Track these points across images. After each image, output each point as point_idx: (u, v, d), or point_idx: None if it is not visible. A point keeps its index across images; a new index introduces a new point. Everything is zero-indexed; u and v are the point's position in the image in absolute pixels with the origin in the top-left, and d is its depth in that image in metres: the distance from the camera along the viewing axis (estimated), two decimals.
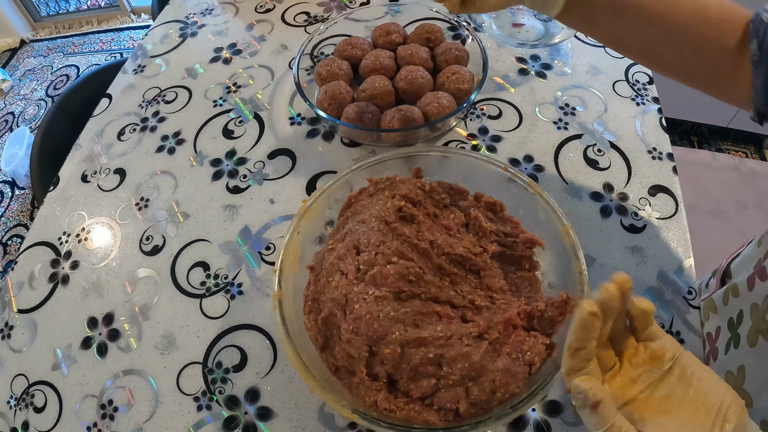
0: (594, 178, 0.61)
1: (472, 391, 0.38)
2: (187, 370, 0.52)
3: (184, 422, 0.49)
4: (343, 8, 0.85)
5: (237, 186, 0.65)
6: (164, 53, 0.83)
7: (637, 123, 0.66)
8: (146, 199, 0.65)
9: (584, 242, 0.56)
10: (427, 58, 0.69)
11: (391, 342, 0.39)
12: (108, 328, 0.56)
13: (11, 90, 2.20)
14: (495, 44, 0.77)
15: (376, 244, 0.44)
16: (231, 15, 0.88)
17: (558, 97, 0.69)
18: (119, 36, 2.39)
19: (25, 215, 1.79)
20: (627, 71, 0.72)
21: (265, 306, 0.55)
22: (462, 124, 0.67)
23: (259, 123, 0.71)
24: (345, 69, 0.69)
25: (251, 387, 0.50)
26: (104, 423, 0.50)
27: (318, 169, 0.65)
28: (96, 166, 0.70)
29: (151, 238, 0.62)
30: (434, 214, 0.50)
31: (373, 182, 0.52)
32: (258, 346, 0.52)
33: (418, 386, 0.39)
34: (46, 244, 0.63)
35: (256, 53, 0.80)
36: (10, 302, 0.60)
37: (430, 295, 0.43)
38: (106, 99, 0.78)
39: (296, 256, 0.48)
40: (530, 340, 0.40)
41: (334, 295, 0.42)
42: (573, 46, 0.76)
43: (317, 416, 0.48)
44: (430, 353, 0.38)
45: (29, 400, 0.53)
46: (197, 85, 0.77)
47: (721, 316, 0.48)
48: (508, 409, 0.37)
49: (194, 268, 0.58)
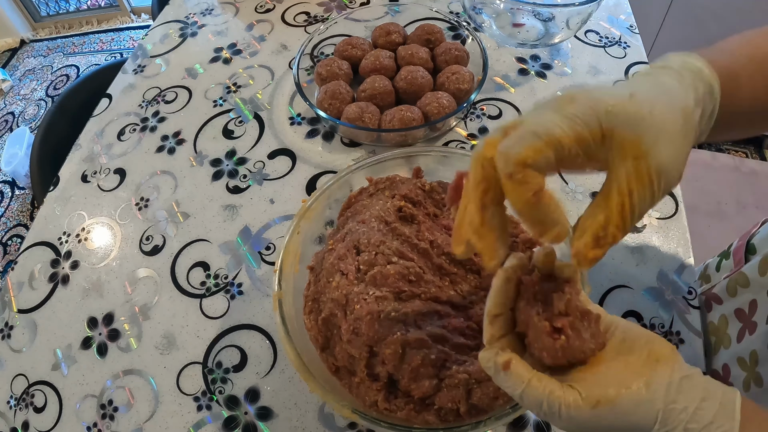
0: (594, 178, 0.61)
1: (475, 394, 0.38)
2: (187, 370, 0.52)
3: (184, 422, 0.49)
4: (343, 8, 0.85)
5: (237, 186, 0.65)
6: (164, 53, 0.83)
7: None
8: (146, 199, 0.65)
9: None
10: (427, 58, 0.69)
11: (392, 342, 0.39)
12: (108, 328, 0.56)
13: (11, 90, 2.21)
14: (495, 44, 0.77)
15: (376, 244, 0.44)
16: (231, 15, 0.88)
17: None
18: (119, 36, 2.39)
19: (25, 215, 1.79)
20: (627, 71, 0.72)
21: (265, 306, 0.55)
22: (462, 124, 0.67)
23: (259, 123, 0.71)
24: (345, 69, 0.69)
25: (251, 387, 0.50)
26: (104, 423, 0.50)
27: (318, 169, 0.65)
28: (96, 166, 0.70)
29: (151, 238, 0.62)
30: (434, 214, 0.50)
31: (373, 182, 0.52)
32: (258, 346, 0.52)
33: (419, 386, 0.39)
34: (46, 244, 0.63)
35: (256, 53, 0.80)
36: (10, 302, 0.60)
37: (431, 295, 0.43)
38: (106, 99, 0.78)
39: (296, 256, 0.48)
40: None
41: (335, 295, 0.42)
42: (573, 46, 0.76)
43: (317, 416, 0.48)
44: (432, 354, 0.38)
45: (29, 400, 0.53)
46: (197, 85, 0.77)
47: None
48: (508, 409, 0.37)
49: (194, 268, 0.58)
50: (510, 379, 0.28)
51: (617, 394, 0.27)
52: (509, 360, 0.28)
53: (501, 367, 0.28)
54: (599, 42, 0.76)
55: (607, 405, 0.26)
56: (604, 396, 0.27)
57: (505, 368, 0.28)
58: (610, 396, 0.27)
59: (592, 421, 0.27)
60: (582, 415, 0.27)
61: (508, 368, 0.28)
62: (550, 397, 0.27)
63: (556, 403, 0.27)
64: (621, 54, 0.74)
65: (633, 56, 0.74)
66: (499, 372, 0.29)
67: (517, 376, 0.28)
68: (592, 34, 0.77)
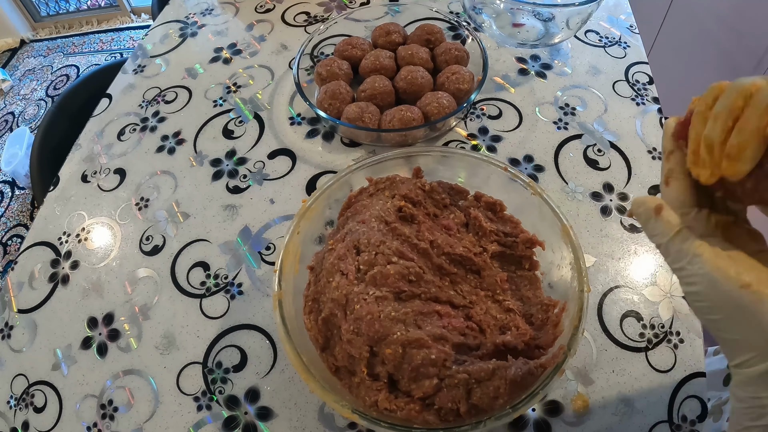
0: (594, 178, 0.61)
1: (475, 394, 0.38)
2: (187, 370, 0.52)
3: (184, 422, 0.49)
4: (343, 8, 0.85)
5: (237, 186, 0.65)
6: (164, 53, 0.83)
7: (637, 123, 0.66)
8: (146, 199, 0.65)
9: (584, 242, 0.56)
10: (427, 58, 0.69)
11: (393, 342, 0.39)
12: (108, 328, 0.56)
13: (11, 90, 2.21)
14: (495, 44, 0.77)
15: (376, 244, 0.44)
16: (231, 15, 0.88)
17: (558, 97, 0.69)
18: (119, 36, 2.39)
19: (25, 215, 1.79)
20: (627, 71, 0.72)
21: (265, 306, 0.55)
22: (462, 124, 0.67)
23: (259, 123, 0.71)
24: (345, 69, 0.69)
25: (251, 387, 0.50)
26: (104, 423, 0.50)
27: (318, 169, 0.65)
28: (96, 166, 0.70)
29: (151, 238, 0.62)
30: (434, 214, 0.50)
31: (373, 182, 0.52)
32: (258, 346, 0.52)
33: (419, 386, 0.39)
34: (46, 244, 0.63)
35: (256, 53, 0.80)
36: (10, 302, 0.60)
37: (431, 295, 0.43)
38: (106, 99, 0.78)
39: (296, 256, 0.48)
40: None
41: (335, 295, 0.42)
42: (573, 46, 0.76)
43: (317, 416, 0.48)
44: (432, 354, 0.38)
45: (29, 400, 0.53)
46: (197, 85, 0.77)
47: None
48: (508, 409, 0.37)
49: (194, 268, 0.58)
50: (661, 225, 0.27)
51: None
52: (661, 205, 0.27)
53: (653, 212, 0.27)
54: (599, 42, 0.76)
55: (756, 294, 0.23)
56: (758, 282, 0.23)
57: (657, 212, 0.27)
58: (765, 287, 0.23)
59: (728, 299, 0.24)
60: (725, 285, 0.24)
61: (660, 213, 0.27)
62: (698, 250, 0.25)
63: (702, 259, 0.25)
64: (621, 54, 0.74)
65: (633, 56, 0.74)
66: (650, 217, 0.27)
67: (668, 222, 0.26)
68: (592, 34, 0.77)
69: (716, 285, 0.24)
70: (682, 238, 0.26)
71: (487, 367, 0.38)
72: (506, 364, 0.38)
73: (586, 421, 0.46)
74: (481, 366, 0.38)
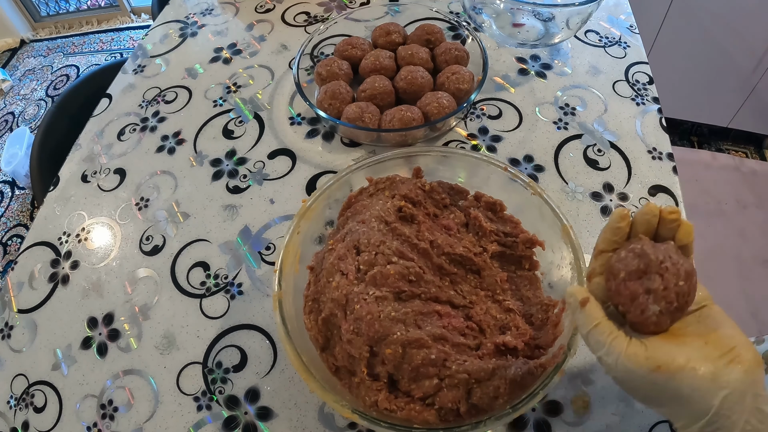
0: (594, 178, 0.61)
1: (475, 394, 0.38)
2: (187, 370, 0.52)
3: (184, 422, 0.49)
4: (343, 8, 0.85)
5: (237, 186, 0.65)
6: (164, 53, 0.83)
7: (637, 123, 0.66)
8: (146, 199, 0.65)
9: (584, 242, 0.56)
10: (427, 58, 0.69)
11: (393, 342, 0.39)
12: (108, 328, 0.56)
13: (11, 90, 2.20)
14: (495, 44, 0.77)
15: (376, 244, 0.44)
16: (231, 15, 0.88)
17: (558, 97, 0.69)
18: (119, 36, 2.39)
19: (25, 215, 1.79)
20: (627, 71, 0.72)
21: (265, 306, 0.55)
22: (462, 124, 0.67)
23: (259, 123, 0.71)
24: (345, 69, 0.69)
25: (251, 387, 0.50)
26: (104, 423, 0.50)
27: (318, 169, 0.65)
28: (96, 166, 0.70)
29: (151, 238, 0.62)
30: (434, 214, 0.50)
31: (373, 182, 0.52)
32: (258, 346, 0.52)
33: (419, 386, 0.39)
34: (46, 244, 0.63)
35: (256, 53, 0.80)
36: (10, 302, 0.60)
37: (431, 295, 0.43)
38: (106, 99, 0.78)
39: (296, 256, 0.48)
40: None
41: (335, 295, 0.42)
42: (573, 46, 0.76)
43: (317, 416, 0.48)
44: (432, 354, 0.38)
45: (29, 400, 0.53)
46: (197, 85, 0.77)
47: None
48: (508, 409, 0.37)
49: (194, 268, 0.58)
50: (583, 316, 0.30)
51: (680, 369, 0.26)
52: (587, 298, 0.30)
53: (579, 303, 0.30)
54: (599, 42, 0.76)
55: (666, 374, 0.26)
56: (667, 364, 0.27)
57: (582, 304, 0.30)
58: (673, 367, 0.26)
59: (644, 381, 0.27)
60: (638, 371, 0.27)
61: (585, 305, 0.30)
62: (614, 343, 0.28)
63: (616, 351, 0.28)
64: (621, 54, 0.74)
65: (633, 56, 0.74)
66: (576, 308, 0.31)
67: (590, 315, 0.30)
68: (592, 34, 0.77)
69: (631, 372, 0.28)
70: (600, 330, 0.29)
71: (487, 366, 0.38)
72: (506, 364, 0.38)
73: (586, 421, 0.46)
74: (481, 366, 0.38)
